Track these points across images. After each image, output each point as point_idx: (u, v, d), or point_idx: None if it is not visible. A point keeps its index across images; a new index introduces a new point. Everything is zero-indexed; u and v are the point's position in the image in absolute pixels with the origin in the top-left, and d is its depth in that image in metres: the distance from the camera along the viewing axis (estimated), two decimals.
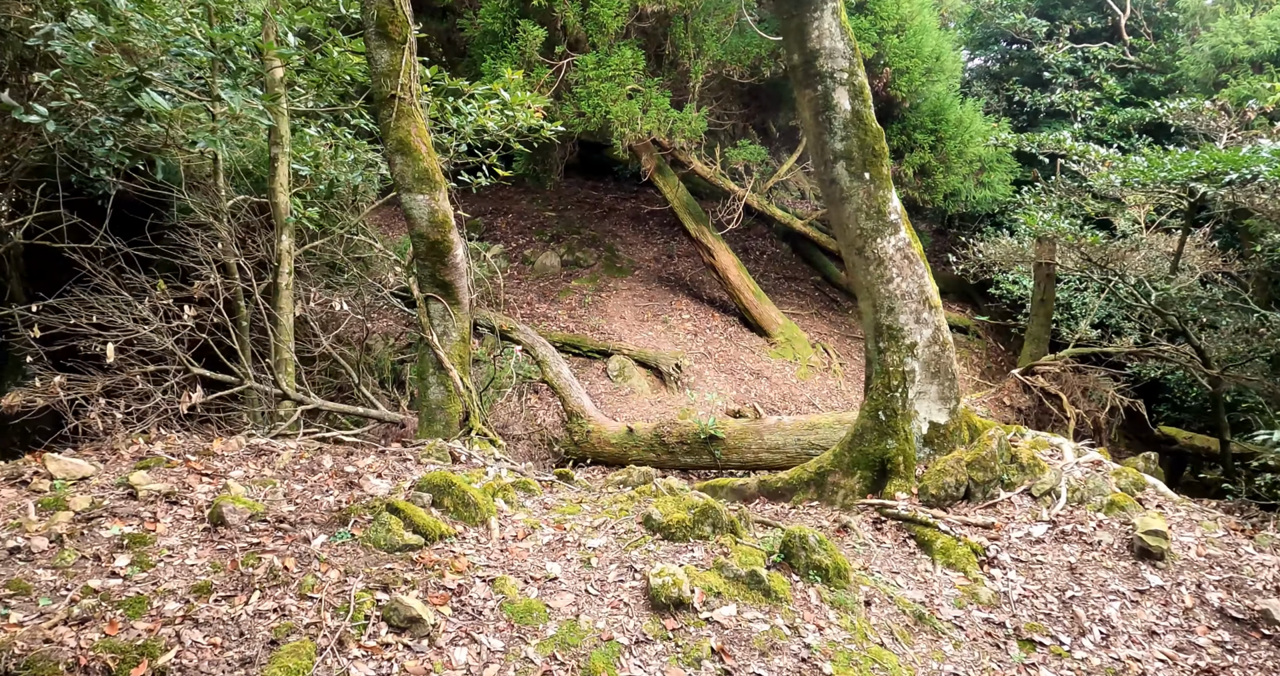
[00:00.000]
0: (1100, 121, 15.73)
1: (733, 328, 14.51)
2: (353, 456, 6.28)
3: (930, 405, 6.03)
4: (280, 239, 7.45)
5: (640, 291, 15.03)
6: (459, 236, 6.44)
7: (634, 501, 5.44)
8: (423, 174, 6.19)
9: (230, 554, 4.46)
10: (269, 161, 7.56)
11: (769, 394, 13.23)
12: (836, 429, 9.11)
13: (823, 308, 15.56)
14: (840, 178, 5.74)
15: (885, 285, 5.82)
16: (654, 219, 16.99)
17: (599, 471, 10.35)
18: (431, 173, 6.22)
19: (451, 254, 6.37)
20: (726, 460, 9.62)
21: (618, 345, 13.51)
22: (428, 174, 6.20)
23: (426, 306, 6.52)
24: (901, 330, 5.88)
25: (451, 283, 6.47)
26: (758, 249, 16.63)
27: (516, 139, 8.93)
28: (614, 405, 12.54)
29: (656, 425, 10.09)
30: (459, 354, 6.61)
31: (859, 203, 5.74)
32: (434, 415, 6.65)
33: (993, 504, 5.73)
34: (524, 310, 14.43)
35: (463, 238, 6.65)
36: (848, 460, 6.01)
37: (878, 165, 5.75)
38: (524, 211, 16.70)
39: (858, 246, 5.81)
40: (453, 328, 6.55)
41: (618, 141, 11.82)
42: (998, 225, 15.31)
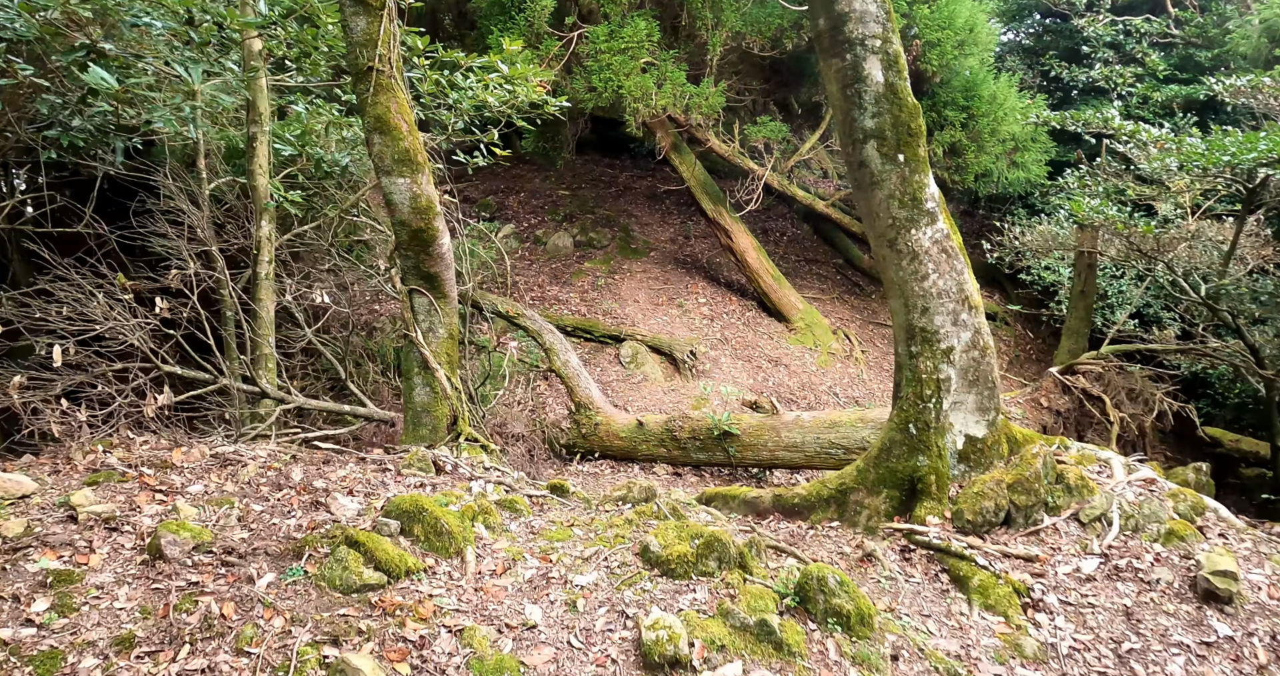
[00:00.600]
0: (1142, 99, 14.65)
1: (750, 312, 13.75)
2: (329, 466, 5.65)
3: (967, 417, 5.28)
4: (259, 225, 6.78)
5: (655, 274, 14.28)
6: (444, 224, 5.73)
7: (632, 525, 4.76)
8: (403, 155, 5.47)
9: (165, 595, 3.84)
10: (247, 141, 6.87)
11: (787, 382, 12.49)
12: (858, 427, 8.37)
13: (845, 292, 14.72)
14: (870, 160, 4.96)
15: (919, 282, 5.05)
16: (671, 198, 16.18)
17: (607, 466, 9.71)
18: (413, 153, 5.50)
19: (436, 243, 5.66)
20: (741, 458, 8.93)
21: (631, 330, 12.80)
22: (408, 155, 5.48)
23: (410, 300, 5.83)
24: (937, 333, 5.12)
25: (437, 274, 5.77)
26: (777, 230, 15.78)
27: (519, 115, 8.18)
28: (626, 393, 11.86)
29: (668, 418, 9.41)
30: (446, 352, 5.94)
31: (891, 188, 4.96)
32: (419, 418, 5.99)
33: (1036, 531, 4.99)
34: (535, 293, 13.74)
35: (450, 224, 5.98)
36: (873, 477, 5.29)
37: (913, 146, 4.96)
38: (536, 190, 15.95)
39: (889, 238, 5.03)
40: (439, 323, 5.87)
41: (630, 118, 11.01)
42: (1030, 208, 14.35)
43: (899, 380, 5.44)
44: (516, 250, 14.65)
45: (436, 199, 5.63)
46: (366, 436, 7.15)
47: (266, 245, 6.76)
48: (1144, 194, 10.00)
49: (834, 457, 8.47)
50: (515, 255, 14.56)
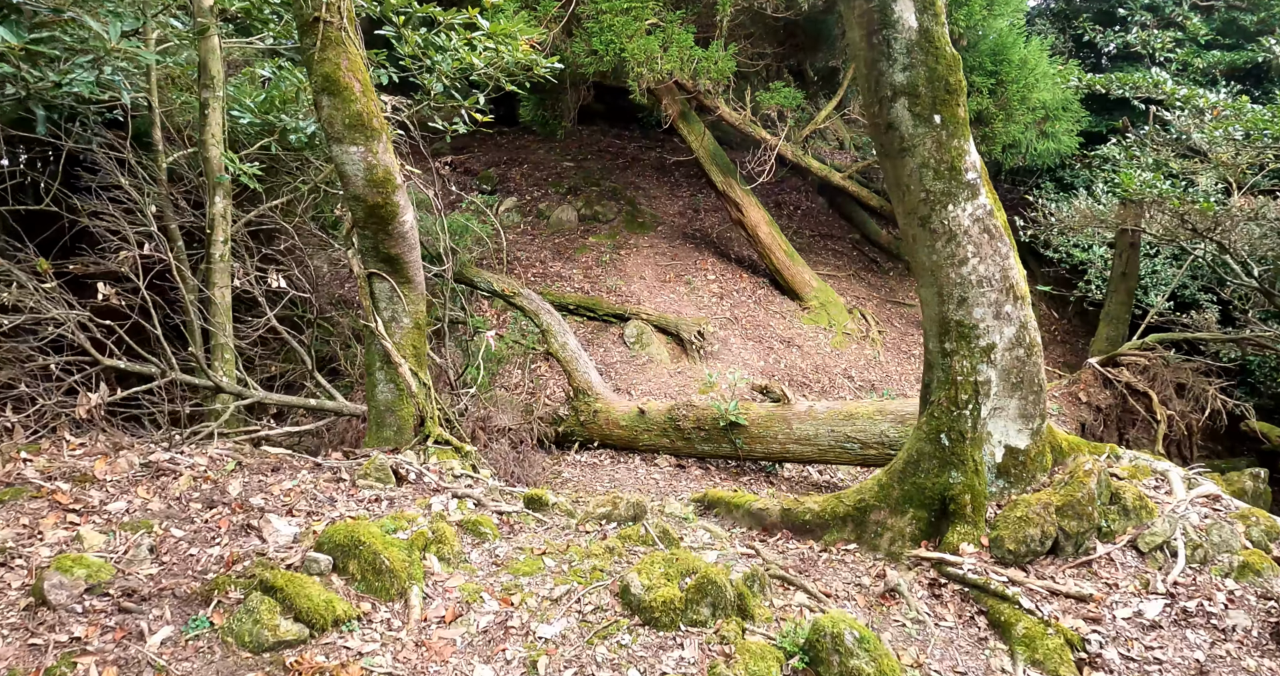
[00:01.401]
0: (1181, 66, 13.47)
1: (762, 290, 12.85)
2: (276, 474, 4.89)
3: (1008, 425, 4.43)
4: (212, 201, 5.97)
5: (663, 249, 13.39)
6: (407, 199, 4.89)
7: (613, 554, 3.98)
8: (355, 119, 4.63)
9: (40, 653, 3.10)
10: (199, 108, 6.04)
11: (800, 365, 11.64)
12: (876, 420, 7.54)
13: (861, 268, 13.78)
14: (900, 121, 4.06)
15: (956, 268, 4.17)
16: (680, 169, 15.22)
17: (607, 456, 8.94)
18: (367, 117, 4.65)
19: (396, 221, 4.84)
20: (749, 450, 8.13)
21: (636, 309, 11.95)
22: (361, 119, 4.64)
23: (370, 286, 5.03)
24: (975, 328, 4.25)
25: (399, 256, 4.95)
26: (791, 203, 14.80)
27: (507, 79, 7.29)
28: (630, 376, 11.06)
29: (671, 407, 8.60)
30: (413, 344, 5.14)
31: (925, 156, 4.06)
32: (383, 418, 5.22)
33: (1088, 562, 4.17)
34: (536, 269, 12.91)
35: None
36: (897, 493, 4.46)
37: (951, 105, 4.05)
38: (540, 161, 15.03)
39: (921, 215, 4.15)
40: (403, 312, 5.06)
41: (634, 83, 10.07)
42: (1059, 182, 13.28)
43: (928, 380, 4.59)
44: (519, 224, 13.79)
45: (397, 169, 4.80)
46: (338, 431, 6.40)
47: (221, 224, 5.96)
48: (1185, 167, 8.98)
49: (849, 452, 7.66)
50: (517, 230, 13.71)
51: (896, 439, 7.42)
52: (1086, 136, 12.46)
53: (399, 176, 4.80)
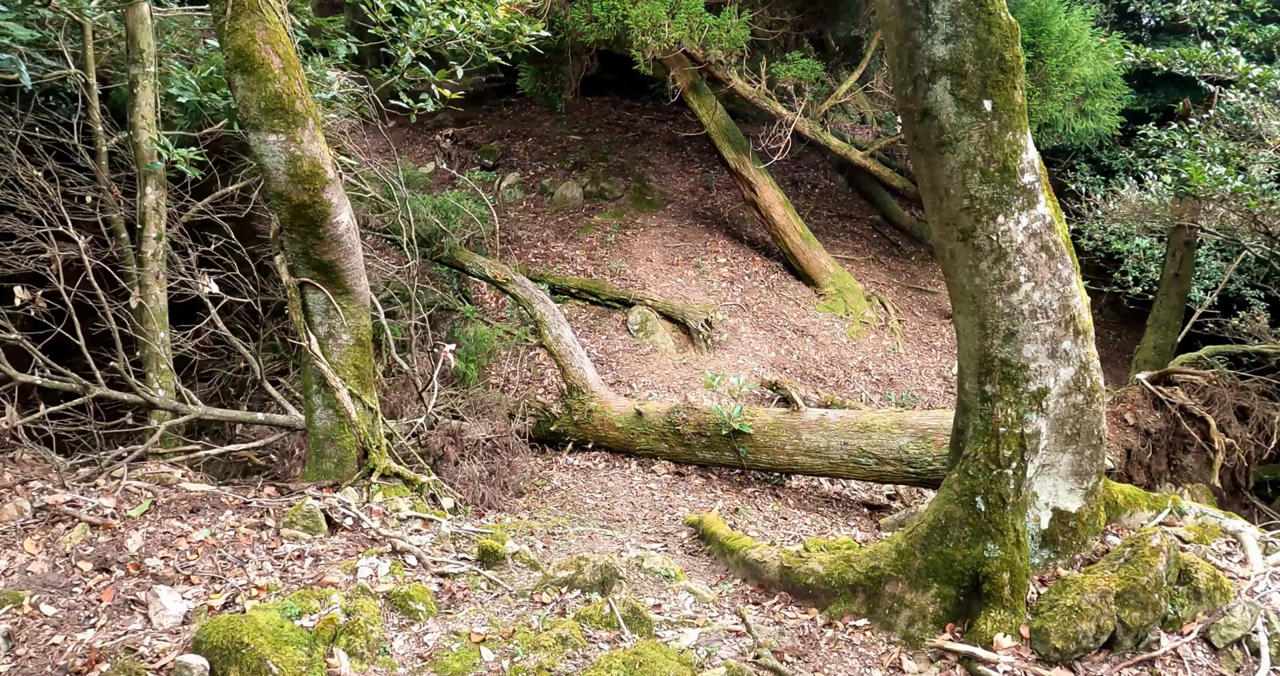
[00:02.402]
0: (1235, 40, 12.14)
1: (775, 275, 11.88)
2: (195, 517, 4.10)
3: (1057, 484, 3.54)
4: (144, 192, 5.13)
5: (671, 229, 12.42)
6: (342, 196, 4.02)
7: (565, 647, 3.15)
8: (273, 102, 3.74)
9: None
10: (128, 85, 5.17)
11: (814, 356, 10.72)
12: (894, 434, 6.66)
13: (881, 253, 12.74)
14: (940, 108, 3.11)
15: (1004, 295, 3.25)
16: (692, 144, 14.16)
17: (601, 459, 8.13)
18: (288, 99, 3.76)
19: (328, 222, 3.97)
20: (754, 460, 7.28)
21: (641, 294, 11.05)
22: (281, 102, 3.75)
23: (301, 298, 4.18)
24: (1025, 369, 3.34)
25: (334, 263, 4.09)
26: (808, 182, 13.73)
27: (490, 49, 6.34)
28: (632, 366, 10.21)
29: (670, 409, 7.76)
30: (354, 364, 4.30)
31: (971, 153, 3.12)
32: (322, 448, 4.41)
33: (1150, 659, 3.30)
34: (538, 249, 12.01)
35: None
36: (919, 564, 3.60)
37: (1006, 88, 3.09)
38: (545, 135, 14.02)
39: (963, 227, 3.22)
40: (342, 327, 4.22)
41: (638, 53, 9.04)
42: (1095, 164, 12.09)
43: (961, 426, 3.69)
44: (521, 201, 12.87)
45: (328, 161, 3.91)
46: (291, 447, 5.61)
47: (153, 218, 5.13)
48: (1233, 150, 7.83)
49: (864, 468, 6.79)
50: (519, 207, 12.79)
51: (916, 455, 6.55)
52: (1128, 115, 11.26)
53: (330, 169, 3.92)
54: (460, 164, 13.60)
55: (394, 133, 15.07)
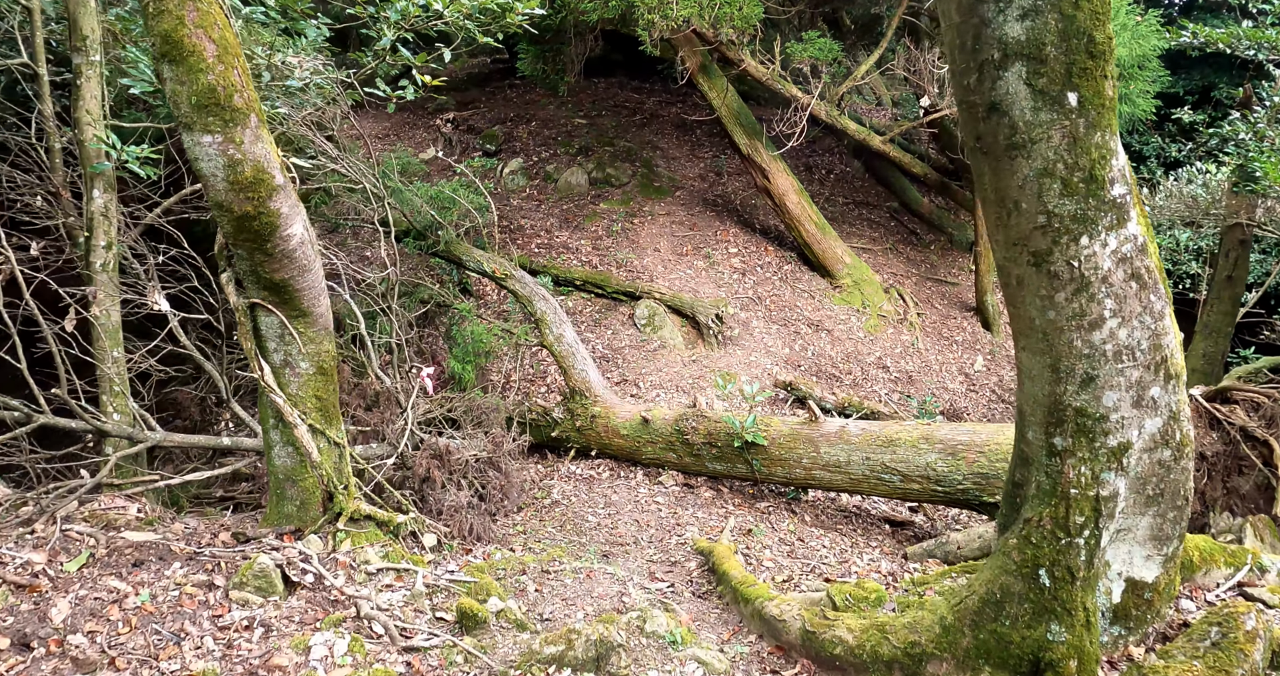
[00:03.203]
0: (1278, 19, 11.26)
1: (789, 266, 11.21)
2: (137, 572, 3.55)
3: (1133, 551, 2.93)
4: (90, 195, 4.53)
5: (680, 217, 11.75)
6: (295, 204, 3.40)
7: None
8: (207, 96, 3.11)
9: None
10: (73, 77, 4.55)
11: (829, 352, 10.08)
12: (921, 450, 6.03)
13: (899, 242, 12.02)
14: (1012, 101, 2.45)
15: (1084, 332, 2.61)
16: (702, 127, 13.43)
17: (606, 467, 7.56)
18: (224, 93, 3.13)
19: (277, 236, 3.35)
20: (769, 473, 6.69)
21: (649, 286, 10.42)
22: (215, 96, 3.12)
23: (252, 322, 3.58)
24: (1105, 420, 2.71)
25: (287, 283, 3.48)
26: (823, 167, 12.98)
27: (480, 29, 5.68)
28: (638, 364, 9.61)
29: (678, 416, 7.16)
30: (315, 395, 3.70)
31: (1050, 157, 2.46)
32: (283, 490, 3.83)
33: None
34: (541, 239, 11.37)
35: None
36: (968, 643, 3.00)
37: (1095, 77, 2.42)
38: (550, 118, 13.31)
39: (1036, 249, 2.57)
40: (299, 354, 3.62)
41: (644, 32, 8.32)
42: (1127, 149, 11.30)
43: (1018, 480, 3.07)
44: (524, 188, 12.21)
45: (275, 165, 3.28)
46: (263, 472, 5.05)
47: (101, 224, 4.52)
48: None
49: (887, 485, 6.18)
50: (522, 194, 12.13)
51: (944, 473, 5.93)
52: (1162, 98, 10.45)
53: (278, 174, 3.29)
54: (461, 149, 12.93)
55: (394, 118, 14.40)
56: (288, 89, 5.31)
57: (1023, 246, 2.58)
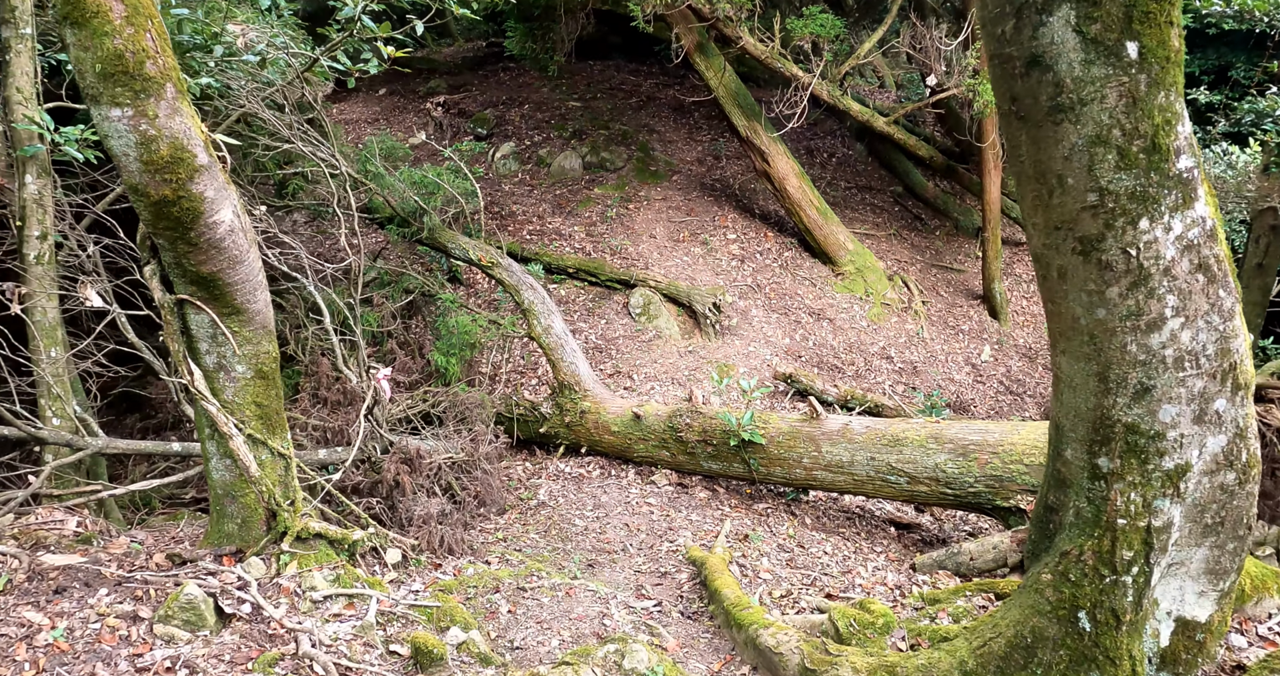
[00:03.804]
0: None
1: (789, 252, 10.73)
2: (57, 601, 3.13)
3: (1184, 587, 2.49)
4: (22, 182, 4.07)
5: (677, 202, 11.26)
6: (222, 186, 2.94)
7: None
8: (114, 63, 2.65)
9: None
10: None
11: (831, 342, 9.63)
12: (929, 450, 5.60)
13: (903, 227, 11.52)
14: (1058, 52, 1.98)
15: (1141, 334, 2.16)
16: (699, 109, 12.90)
17: (596, 465, 7.13)
18: (134, 60, 2.67)
19: (202, 223, 2.90)
20: (767, 473, 6.26)
21: (644, 274, 9.96)
22: (124, 63, 2.66)
23: (179, 320, 3.13)
24: (1160, 437, 2.26)
25: (216, 276, 3.03)
26: (824, 150, 12.46)
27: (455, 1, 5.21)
28: (633, 355, 9.17)
29: (672, 412, 6.72)
30: (254, 401, 3.27)
31: (1104, 122, 2.00)
32: (222, 506, 3.40)
33: None
34: (534, 225, 10.90)
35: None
36: None
37: (1159, 22, 1.96)
38: (544, 101, 12.78)
39: (1085, 233, 2.11)
40: (234, 357, 3.17)
41: (637, 8, 7.82)
42: None
43: (1053, 503, 2.62)
44: (516, 173, 11.72)
45: (198, 141, 2.83)
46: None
47: (35, 212, 4.07)
48: None
49: (893, 486, 5.75)
50: (514, 179, 11.65)
51: (954, 475, 5.49)
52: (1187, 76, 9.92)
53: (202, 152, 2.84)
54: (452, 133, 12.43)
55: (384, 102, 13.89)
56: (244, 63, 4.84)
57: (1067, 231, 2.12)
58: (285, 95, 5.99)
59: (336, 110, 13.54)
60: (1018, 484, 5.33)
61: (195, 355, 3.17)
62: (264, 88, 5.36)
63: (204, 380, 3.14)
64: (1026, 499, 5.31)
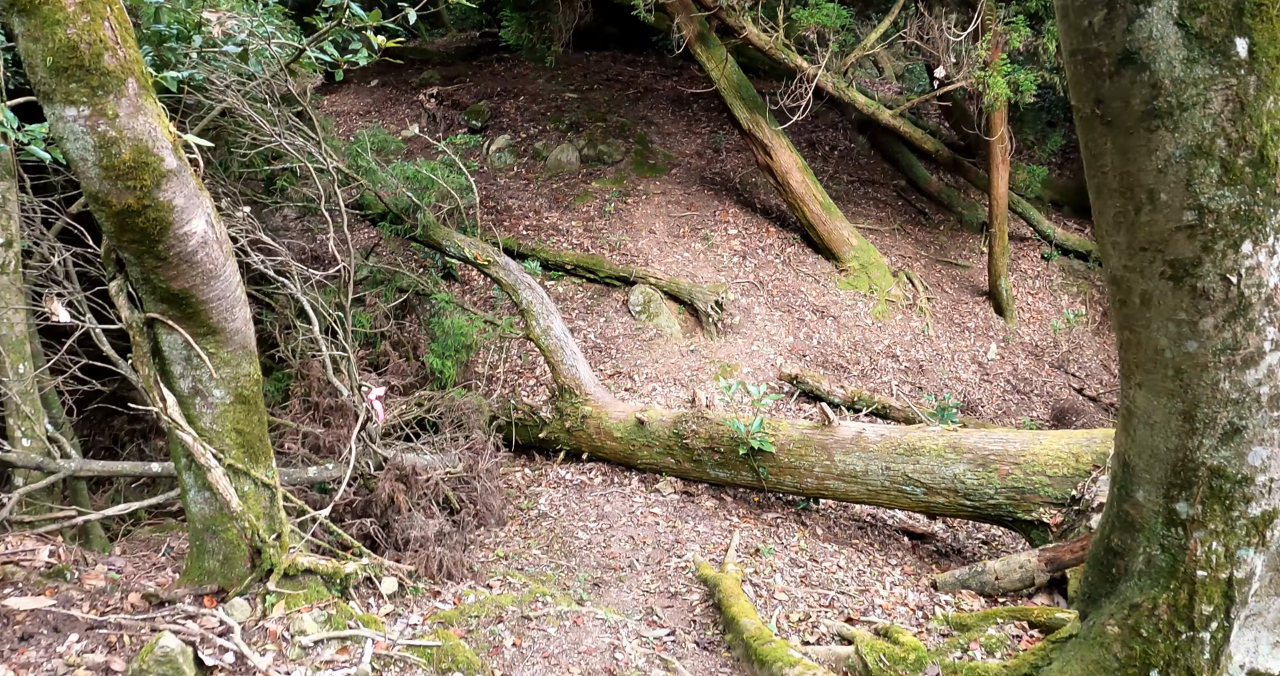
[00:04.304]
0: None
1: (792, 248, 10.45)
2: (24, 650, 2.87)
3: (1259, 638, 2.23)
4: None
5: (677, 197, 10.96)
6: (193, 193, 2.64)
7: None
8: (67, 56, 2.34)
9: None
10: None
11: (836, 340, 9.38)
12: (948, 459, 5.35)
13: (907, 222, 11.25)
14: (1156, 49, 1.71)
15: (1236, 370, 1.90)
16: (698, 101, 12.58)
17: (598, 472, 6.87)
18: (90, 52, 2.36)
19: (170, 235, 2.60)
20: (777, 482, 6.01)
21: (643, 271, 9.67)
22: (78, 56, 2.35)
23: (150, 341, 2.84)
24: (1248, 482, 2.01)
25: (189, 293, 2.73)
26: (826, 142, 12.16)
27: None
28: (633, 354, 8.91)
29: (677, 418, 6.46)
30: (235, 428, 2.98)
31: (1206, 130, 1.73)
32: (202, 541, 3.12)
33: None
34: (530, 221, 10.59)
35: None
36: None
37: (1270, 17, 1.69)
38: (539, 93, 12.43)
39: (1178, 256, 1.84)
40: (211, 381, 2.88)
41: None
42: None
43: (1117, 546, 2.36)
44: (511, 167, 11.39)
45: (165, 144, 2.53)
46: None
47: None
48: None
49: (909, 497, 5.51)
50: (509, 173, 11.32)
51: (974, 487, 5.25)
52: None
53: (170, 156, 2.54)
54: (446, 126, 12.08)
55: (376, 94, 13.50)
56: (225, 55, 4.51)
57: (1156, 253, 1.85)
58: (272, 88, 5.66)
59: (327, 102, 13.15)
60: (1040, 496, 5.10)
61: (168, 379, 2.87)
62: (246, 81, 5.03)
63: (178, 407, 2.86)
64: (1049, 511, 5.07)
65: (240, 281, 2.85)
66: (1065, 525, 4.97)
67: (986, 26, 8.29)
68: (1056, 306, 10.68)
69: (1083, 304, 10.68)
